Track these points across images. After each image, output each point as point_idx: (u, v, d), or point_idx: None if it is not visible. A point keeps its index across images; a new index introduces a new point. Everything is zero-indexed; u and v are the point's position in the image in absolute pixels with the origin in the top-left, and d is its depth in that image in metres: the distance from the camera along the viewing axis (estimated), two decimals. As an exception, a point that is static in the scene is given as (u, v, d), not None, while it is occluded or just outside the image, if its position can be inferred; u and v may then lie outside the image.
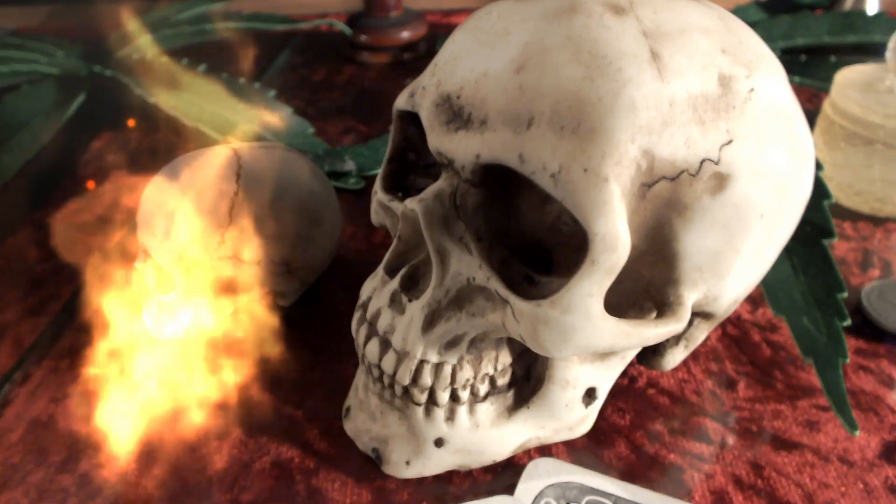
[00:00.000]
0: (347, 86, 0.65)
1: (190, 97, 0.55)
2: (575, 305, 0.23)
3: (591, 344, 0.24)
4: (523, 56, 0.23)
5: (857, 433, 0.29)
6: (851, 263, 0.40)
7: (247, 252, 0.33)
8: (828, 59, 0.58)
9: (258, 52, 0.72)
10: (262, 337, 0.36)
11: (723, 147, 0.24)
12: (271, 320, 0.37)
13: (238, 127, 0.52)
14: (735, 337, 0.35)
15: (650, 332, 0.25)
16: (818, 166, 0.41)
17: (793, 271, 0.34)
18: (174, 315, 0.34)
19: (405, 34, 0.69)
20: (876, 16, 0.63)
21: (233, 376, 0.34)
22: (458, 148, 0.24)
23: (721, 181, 0.24)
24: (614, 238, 0.22)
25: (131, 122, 0.55)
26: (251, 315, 0.35)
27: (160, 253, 0.32)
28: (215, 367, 0.34)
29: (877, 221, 0.44)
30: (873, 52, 0.60)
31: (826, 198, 0.36)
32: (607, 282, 0.23)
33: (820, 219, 0.35)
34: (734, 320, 0.36)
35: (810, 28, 0.63)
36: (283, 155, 0.35)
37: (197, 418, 0.31)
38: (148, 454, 0.30)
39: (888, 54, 0.44)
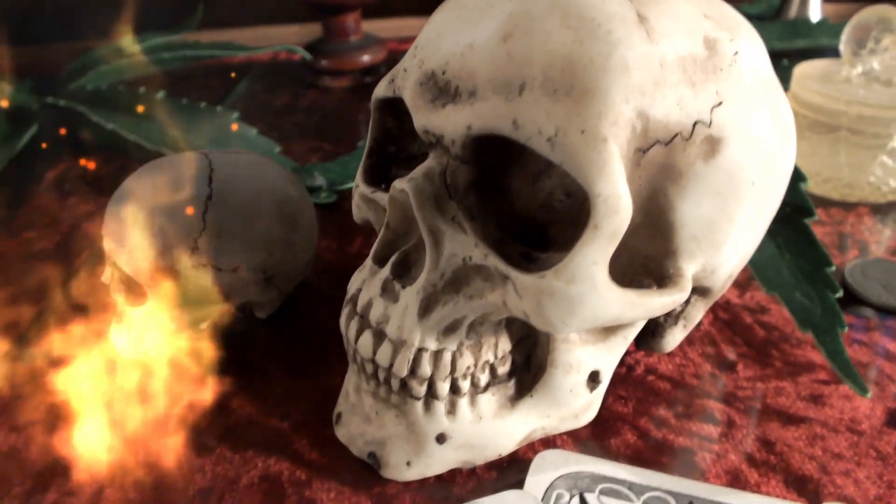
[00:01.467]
0: (310, 109, 0.64)
1: (150, 123, 0.53)
2: (580, 274, 0.22)
3: (598, 315, 0.23)
4: (509, 25, 0.23)
5: (870, 395, 0.28)
6: (829, 246, 0.40)
7: (222, 259, 0.31)
8: (780, 63, 0.60)
9: (217, 81, 0.71)
10: (239, 350, 0.34)
11: (713, 109, 0.23)
12: (249, 332, 0.35)
13: (202, 149, 0.50)
14: (727, 321, 0.35)
15: (655, 301, 0.24)
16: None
17: (778, 251, 0.34)
18: (145, 330, 0.31)
19: (366, 57, 0.69)
20: (820, 22, 0.66)
21: (210, 391, 0.31)
22: (447, 123, 0.23)
23: (713, 145, 0.24)
24: (616, 199, 0.21)
25: (90, 150, 0.53)
26: (228, 327, 0.33)
27: (129, 263, 0.30)
28: (191, 382, 0.32)
29: (848, 206, 0.44)
30: (820, 54, 0.63)
31: (801, 180, 0.37)
32: (611, 248, 0.22)
33: (798, 200, 0.36)
34: (724, 305, 0.36)
35: (760, 35, 0.65)
36: (257, 159, 0.34)
37: (174, 437, 0.29)
38: (123, 477, 0.27)
39: (842, 47, 0.46)
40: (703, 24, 0.24)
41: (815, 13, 0.68)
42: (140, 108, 0.54)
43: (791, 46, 0.63)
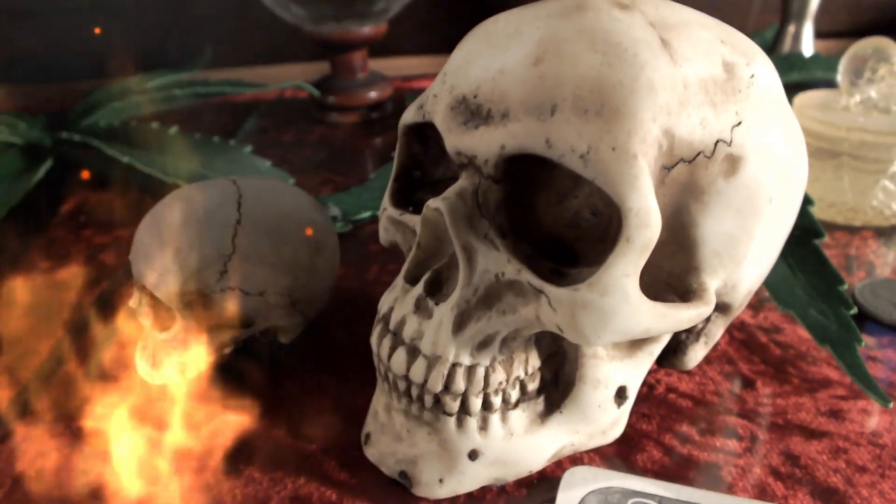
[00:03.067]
0: (319, 144, 0.66)
1: (164, 157, 0.54)
2: (612, 286, 0.23)
3: (630, 327, 0.24)
4: (539, 50, 0.24)
5: (891, 405, 0.29)
6: (837, 267, 0.41)
7: (250, 283, 0.32)
8: (777, 95, 0.62)
9: (226, 118, 0.73)
10: (263, 374, 0.34)
11: (734, 128, 0.24)
12: (273, 357, 0.35)
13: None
14: (743, 340, 0.36)
15: (684, 314, 0.25)
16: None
17: (790, 271, 0.35)
18: (171, 355, 0.32)
19: (373, 94, 0.70)
20: (813, 57, 0.68)
21: (237, 416, 0.32)
22: (480, 143, 0.24)
23: (733, 163, 0.25)
24: (647, 213, 0.22)
25: (104, 183, 0.54)
26: (252, 352, 0.34)
27: (158, 287, 0.31)
28: (217, 406, 0.32)
29: (852, 230, 0.45)
30: (814, 87, 0.65)
31: (809, 203, 0.38)
32: (642, 261, 0.23)
33: (807, 222, 0.37)
34: (738, 325, 0.37)
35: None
36: (282, 185, 0.35)
37: (202, 461, 0.29)
38: (150, 502, 0.27)
39: (839, 77, 0.48)
40: (721, 49, 0.25)
41: (807, 48, 0.70)
42: (154, 143, 0.55)
43: (787, 80, 0.65)
